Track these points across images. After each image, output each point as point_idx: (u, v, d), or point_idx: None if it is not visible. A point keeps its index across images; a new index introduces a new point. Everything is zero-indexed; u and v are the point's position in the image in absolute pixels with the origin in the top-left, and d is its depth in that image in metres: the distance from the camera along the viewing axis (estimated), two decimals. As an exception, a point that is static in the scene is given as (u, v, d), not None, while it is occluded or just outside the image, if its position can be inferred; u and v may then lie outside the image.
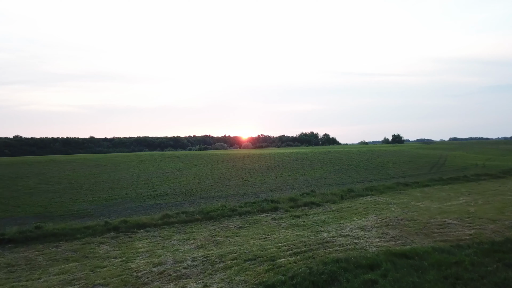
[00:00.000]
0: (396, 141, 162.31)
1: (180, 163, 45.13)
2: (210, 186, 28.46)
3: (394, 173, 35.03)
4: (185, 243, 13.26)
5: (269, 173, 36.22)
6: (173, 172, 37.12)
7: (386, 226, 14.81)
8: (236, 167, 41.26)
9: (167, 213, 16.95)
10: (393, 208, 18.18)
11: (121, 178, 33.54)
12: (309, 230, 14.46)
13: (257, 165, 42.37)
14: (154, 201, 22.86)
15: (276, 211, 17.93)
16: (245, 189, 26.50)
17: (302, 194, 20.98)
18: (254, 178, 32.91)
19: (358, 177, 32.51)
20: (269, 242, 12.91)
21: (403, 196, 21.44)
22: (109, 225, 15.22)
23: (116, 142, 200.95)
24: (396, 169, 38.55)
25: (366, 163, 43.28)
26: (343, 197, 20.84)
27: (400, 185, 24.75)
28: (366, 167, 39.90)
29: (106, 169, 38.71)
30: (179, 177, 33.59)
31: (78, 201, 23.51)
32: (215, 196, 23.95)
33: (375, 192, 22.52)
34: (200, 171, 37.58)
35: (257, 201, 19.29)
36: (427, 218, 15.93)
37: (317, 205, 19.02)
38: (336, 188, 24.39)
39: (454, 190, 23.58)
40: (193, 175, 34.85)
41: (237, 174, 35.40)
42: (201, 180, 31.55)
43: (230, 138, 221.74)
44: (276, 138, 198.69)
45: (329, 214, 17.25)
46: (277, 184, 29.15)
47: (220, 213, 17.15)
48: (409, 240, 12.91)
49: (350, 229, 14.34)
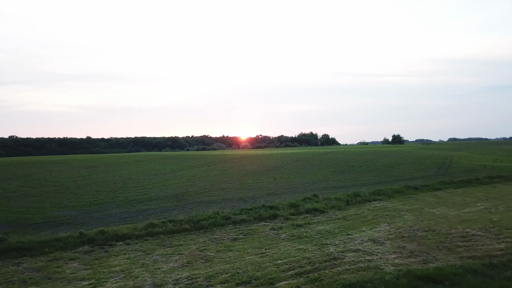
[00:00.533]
0: (396, 141, 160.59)
1: (175, 164, 43.18)
2: (204, 189, 26.52)
3: (400, 175, 33.15)
4: (169, 259, 11.33)
5: (267, 175, 34.31)
6: (166, 174, 35.17)
7: (401, 238, 12.90)
8: (233, 168, 39.34)
9: (152, 222, 15.01)
10: (405, 215, 16.28)
11: (110, 180, 31.58)
12: (313, 243, 12.55)
13: (255, 167, 40.46)
14: (142, 206, 20.91)
15: (275, 219, 16.01)
16: (241, 193, 24.58)
17: (303, 199, 19.07)
18: (251, 180, 30.98)
19: (362, 180, 30.61)
20: (267, 259, 11.00)
21: (414, 202, 19.54)
22: (83, 237, 13.28)
23: (113, 143, 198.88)
24: (401, 170, 36.67)
25: (369, 165, 41.41)
26: (349, 203, 18.93)
27: (410, 188, 22.85)
28: (369, 169, 38.02)
29: (96, 171, 36.74)
30: (171, 179, 31.65)
31: (59, 206, 21.55)
32: (209, 200, 22.02)
33: (383, 197, 20.62)
34: (195, 173, 35.63)
35: (254, 208, 17.37)
36: (446, 228, 14.04)
37: (321, 212, 17.10)
38: (340, 192, 22.49)
39: (468, 194, 21.69)
40: (187, 177, 32.91)
41: (234, 176, 33.47)
42: (195, 183, 29.61)
43: (228, 139, 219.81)
44: (275, 138, 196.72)
45: (335, 222, 15.33)
46: (276, 187, 27.24)
47: (212, 222, 15.21)
48: (431, 256, 11.02)
49: (361, 242, 12.43)
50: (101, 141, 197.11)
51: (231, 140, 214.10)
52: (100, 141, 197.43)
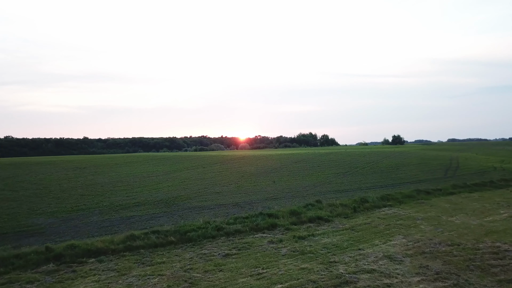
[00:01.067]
0: (397, 142, 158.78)
1: (169, 165, 41.20)
2: (197, 193, 24.57)
3: (406, 177, 31.25)
4: (147, 282, 9.40)
5: (265, 177, 32.37)
6: (159, 176, 33.20)
7: (422, 254, 10.99)
8: (229, 170, 37.40)
9: (132, 234, 13.06)
10: (422, 225, 14.36)
11: (98, 183, 29.60)
12: (318, 260, 10.63)
13: (252, 168, 38.52)
14: (127, 212, 18.95)
15: (274, 230, 14.08)
16: (237, 197, 22.63)
17: (305, 205, 17.14)
18: (248, 183, 29.04)
19: (367, 182, 28.70)
20: (264, 282, 9.09)
21: (428, 208, 17.63)
22: (50, 253, 11.33)
23: (110, 143, 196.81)
24: (407, 172, 34.78)
25: (372, 166, 39.51)
26: (356, 210, 17.01)
27: (421, 193, 20.95)
28: (373, 170, 36.12)
29: (84, 173, 34.75)
30: (163, 182, 29.68)
31: (36, 212, 19.58)
32: (201, 206, 20.07)
33: (393, 202, 18.71)
34: (189, 175, 33.68)
35: (251, 216, 15.43)
36: (472, 241, 12.13)
37: (326, 220, 15.18)
38: (346, 197, 20.57)
39: (486, 199, 19.81)
40: (180, 180, 30.94)
41: (230, 178, 31.52)
42: (188, 186, 27.65)
43: (227, 139, 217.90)
44: (274, 139, 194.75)
45: (343, 234, 13.40)
46: (275, 190, 25.31)
47: (201, 234, 13.28)
48: (462, 279, 9.11)
49: (375, 260, 10.52)
50: (98, 141, 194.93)
51: (230, 140, 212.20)
52: (97, 141, 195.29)
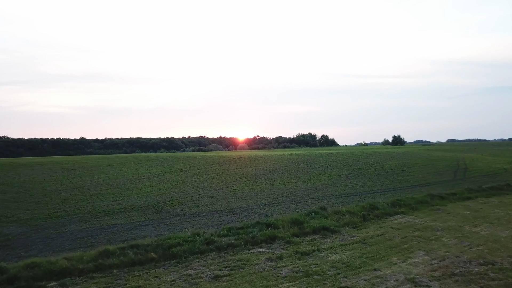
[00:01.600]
0: (397, 142, 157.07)
1: (163, 166, 39.27)
2: (189, 197, 22.65)
3: (414, 180, 29.37)
4: (113, 316, 7.47)
5: (264, 179, 30.46)
6: (151, 178, 31.28)
7: (452, 277, 9.09)
8: (226, 171, 35.49)
9: (107, 249, 11.13)
10: (444, 237, 12.46)
11: (85, 185, 27.67)
12: (327, 285, 8.72)
13: (250, 169, 36.62)
14: (109, 220, 17.03)
15: (273, 243, 12.16)
16: (233, 202, 20.71)
17: (309, 213, 15.22)
18: (245, 186, 27.12)
19: (373, 185, 26.81)
20: (260, 318, 7.16)
21: (446, 216, 15.73)
22: (2, 275, 9.39)
23: (108, 143, 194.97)
24: (414, 174, 32.90)
25: (376, 167, 37.62)
26: (366, 218, 15.09)
27: (435, 198, 19.03)
28: (378, 172, 34.24)
29: (72, 174, 32.80)
30: (155, 185, 27.75)
31: (9, 219, 17.66)
32: (192, 213, 18.15)
33: (405, 209, 16.80)
34: (183, 177, 31.76)
35: (246, 226, 13.52)
36: (508, 259, 10.24)
37: (332, 231, 13.26)
38: (352, 203, 18.67)
39: (508, 205, 17.93)
40: (173, 182, 29.02)
41: (226, 181, 29.61)
42: (181, 189, 25.72)
43: (225, 139, 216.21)
44: (273, 139, 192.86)
45: (353, 249, 11.49)
46: (274, 194, 23.40)
47: (188, 248, 11.35)
48: (510, 313, 7.19)
49: (396, 285, 8.62)
50: (95, 141, 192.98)
51: (228, 141, 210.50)
52: (94, 141, 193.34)
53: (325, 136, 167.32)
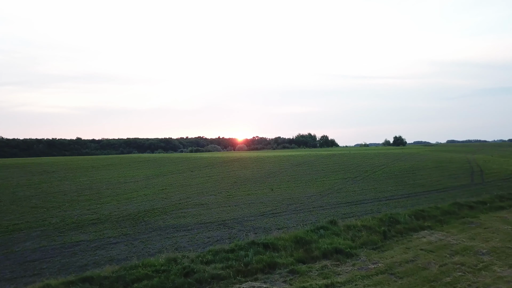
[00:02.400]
0: (398, 143, 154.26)
1: (153, 168, 36.35)
2: (176, 205, 19.75)
3: (428, 184, 26.52)
4: None
5: (262, 183, 27.58)
6: (138, 182, 28.37)
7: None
8: (221, 174, 32.60)
9: (48, 284, 8.25)
10: (495, 265, 9.58)
11: (62, 190, 24.78)
12: None
13: (248, 172, 33.73)
14: (75, 235, 14.12)
15: (272, 273, 9.28)
16: (225, 212, 17.83)
17: (316, 229, 12.30)
18: (241, 191, 24.24)
19: (383, 190, 23.96)
20: None
21: (484, 232, 12.85)
22: None
23: (104, 144, 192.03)
24: (426, 177, 30.05)
25: (384, 170, 34.77)
26: (387, 235, 12.21)
27: (463, 207, 16.13)
28: (386, 175, 31.37)
29: (51, 178, 29.88)
30: (140, 190, 24.86)
31: (-44, 234, 14.74)
32: (176, 225, 15.26)
33: (431, 223, 13.91)
34: (173, 180, 28.86)
35: (238, 247, 10.62)
36: None
37: (347, 255, 10.39)
38: (365, 213, 15.79)
39: (553, 217, 15.04)
40: (161, 187, 26.13)
41: (220, 185, 26.73)
42: (168, 195, 22.84)
43: (224, 140, 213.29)
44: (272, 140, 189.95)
45: (379, 283, 8.59)
46: (273, 201, 20.53)
47: (159, 283, 8.46)
48: None
49: None
50: (92, 142, 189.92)
51: (227, 141, 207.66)
52: (91, 142, 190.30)
53: (325, 137, 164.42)
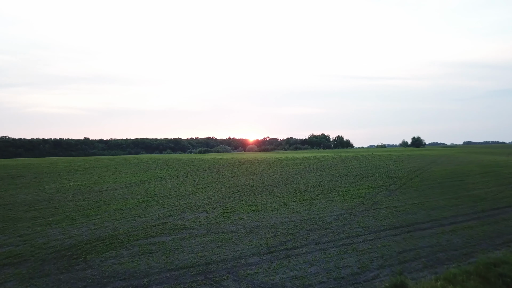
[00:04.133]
0: (417, 144, 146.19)
1: (141, 173, 30.55)
2: (148, 228, 13.78)
3: (488, 196, 20.04)
4: None
5: (272, 193, 21.46)
6: (116, 190, 22.58)
7: None
8: (221, 180, 26.58)
9: None
10: None
11: (12, 202, 19.14)
12: None
13: (254, 178, 27.64)
14: None
15: None
16: (213, 245, 11.77)
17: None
18: (243, 205, 18.17)
19: (436, 206, 17.58)
20: None
21: None
22: None
23: (112, 144, 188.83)
24: (480, 186, 23.48)
25: (422, 176, 28.27)
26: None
27: None
28: (427, 183, 24.91)
29: (10, 184, 24.30)
30: (113, 202, 19.01)
31: None
32: (128, 273, 9.25)
33: None
34: (160, 189, 22.96)
35: None
36: None
37: None
38: (436, 254, 9.55)
39: None
40: (142, 197, 20.26)
41: (218, 196, 20.71)
42: (145, 211, 16.90)
43: (234, 141, 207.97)
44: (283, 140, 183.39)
45: None
46: (286, 223, 14.41)
47: None
48: None
49: None
50: (99, 142, 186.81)
51: (237, 142, 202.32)
52: (98, 142, 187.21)
53: (340, 137, 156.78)
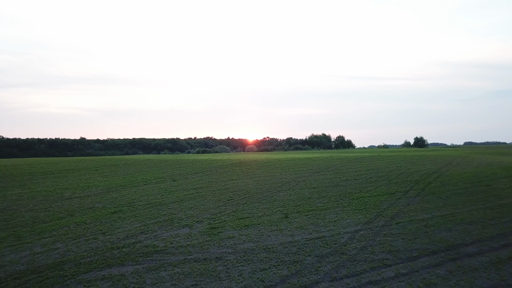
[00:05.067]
0: (420, 144, 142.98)
1: (124, 176, 27.24)
2: (107, 252, 10.48)
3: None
4: None
5: (270, 201, 18.16)
6: (88, 197, 19.29)
7: None
8: (213, 185, 23.29)
9: None
10: None
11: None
12: None
13: (251, 182, 24.36)
14: None
15: None
16: (187, 281, 8.47)
17: None
18: (236, 217, 14.86)
19: (470, 219, 14.29)
20: None
21: None
22: None
23: (109, 144, 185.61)
24: None
25: (441, 180, 24.97)
26: None
27: None
28: (450, 188, 21.60)
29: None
30: (78, 214, 15.71)
31: None
32: None
33: None
34: (139, 195, 19.67)
35: None
36: None
37: None
38: None
39: None
40: (116, 207, 16.97)
41: (206, 205, 17.42)
42: (113, 226, 13.58)
43: (233, 141, 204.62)
44: (283, 140, 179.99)
45: None
46: (289, 245, 11.12)
47: None
48: None
49: None
50: (96, 142, 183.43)
51: (237, 142, 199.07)
52: (95, 142, 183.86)
53: (341, 137, 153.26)
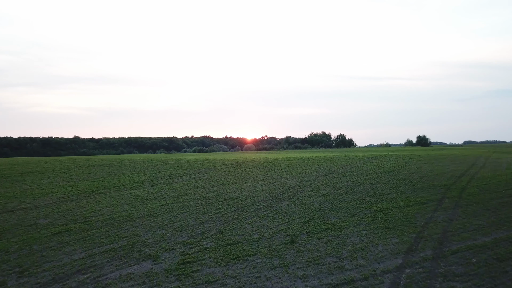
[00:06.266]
0: (422, 143, 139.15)
1: (95, 180, 23.06)
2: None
3: None
4: None
5: (270, 215, 14.06)
6: (40, 208, 15.18)
7: None
8: (200, 191, 19.18)
9: None
10: None
11: None
12: None
13: (247, 188, 20.26)
14: None
15: None
16: None
17: None
18: (221, 244, 10.77)
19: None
20: None
21: None
22: None
23: (104, 143, 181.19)
24: None
25: (475, 185, 20.92)
26: None
27: None
28: (492, 196, 17.56)
29: None
30: (13, 232, 11.58)
31: None
32: None
33: None
34: (103, 206, 15.54)
35: None
36: None
37: None
38: None
39: None
40: (67, 221, 12.85)
41: (185, 220, 13.32)
42: (47, 254, 9.48)
43: (231, 140, 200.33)
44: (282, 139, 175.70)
45: None
46: None
47: None
48: None
49: None
50: (90, 141, 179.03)
51: (234, 141, 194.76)
52: (89, 141, 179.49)
53: (342, 136, 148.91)
